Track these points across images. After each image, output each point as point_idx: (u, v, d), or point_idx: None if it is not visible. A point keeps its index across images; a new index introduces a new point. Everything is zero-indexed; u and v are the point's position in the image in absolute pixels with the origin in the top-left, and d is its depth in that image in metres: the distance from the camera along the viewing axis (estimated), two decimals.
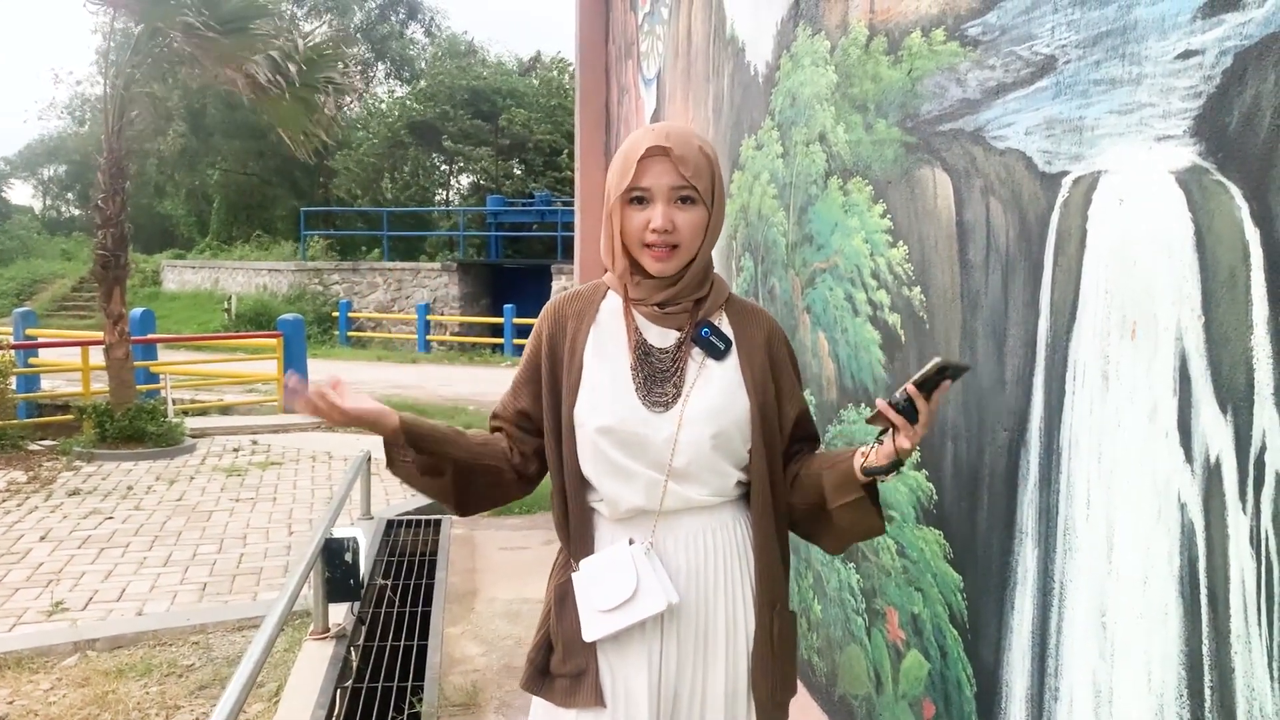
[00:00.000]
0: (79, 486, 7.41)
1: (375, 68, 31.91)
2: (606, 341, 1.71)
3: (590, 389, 1.68)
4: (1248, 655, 1.23)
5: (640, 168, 1.61)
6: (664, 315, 1.70)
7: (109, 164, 9.04)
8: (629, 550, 1.66)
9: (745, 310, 1.79)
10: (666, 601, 1.61)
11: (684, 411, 1.64)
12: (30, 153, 40.59)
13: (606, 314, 1.75)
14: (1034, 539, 1.68)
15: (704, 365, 1.69)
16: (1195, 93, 1.30)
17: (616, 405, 1.65)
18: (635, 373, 1.68)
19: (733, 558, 1.70)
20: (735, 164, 3.40)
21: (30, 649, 4.34)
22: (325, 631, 4.21)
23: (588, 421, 1.66)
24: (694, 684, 1.68)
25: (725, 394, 1.67)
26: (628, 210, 1.64)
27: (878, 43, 2.25)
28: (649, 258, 1.64)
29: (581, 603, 1.67)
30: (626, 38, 5.82)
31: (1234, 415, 1.24)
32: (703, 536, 1.69)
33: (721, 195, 1.70)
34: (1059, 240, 1.60)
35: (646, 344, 1.70)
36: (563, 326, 1.75)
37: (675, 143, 1.61)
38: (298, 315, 12.37)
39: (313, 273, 21.02)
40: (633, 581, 1.63)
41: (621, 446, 1.64)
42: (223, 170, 28.25)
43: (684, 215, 1.62)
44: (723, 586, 1.69)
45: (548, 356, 1.74)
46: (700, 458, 1.65)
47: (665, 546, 1.68)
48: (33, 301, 22.98)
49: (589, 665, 1.67)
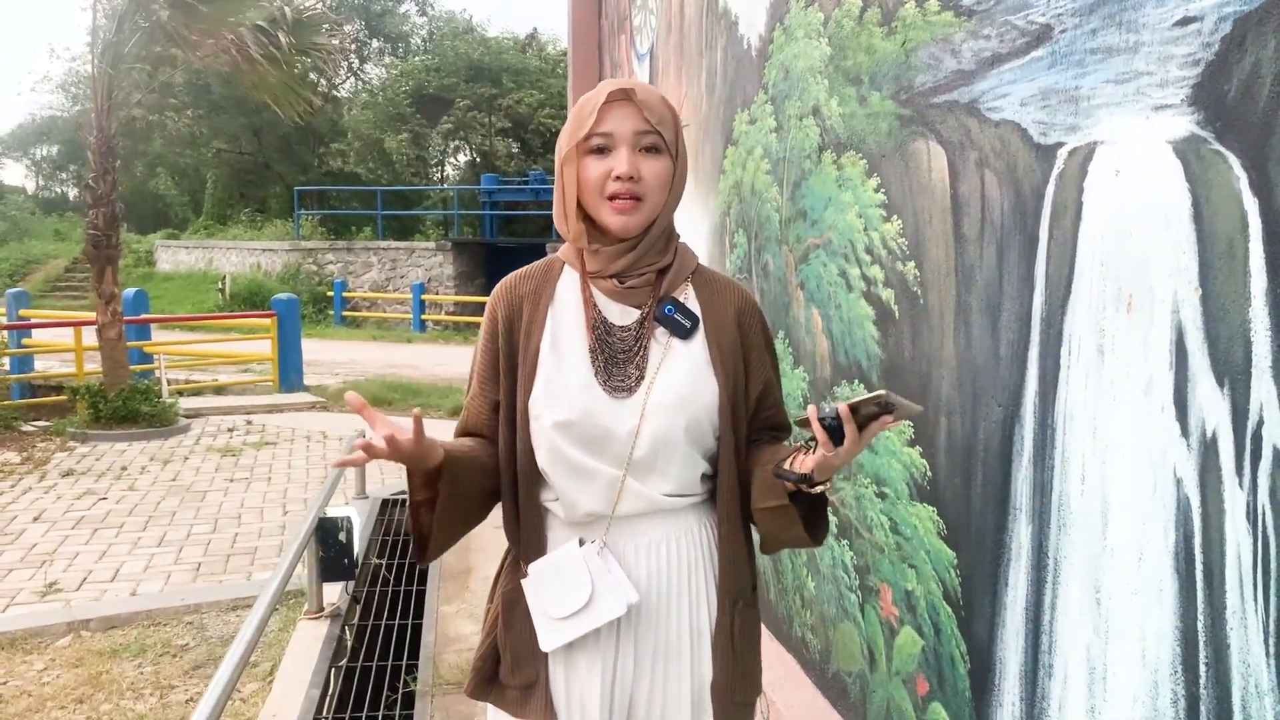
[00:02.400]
0: (73, 467, 7.39)
1: (369, 44, 31.66)
2: (562, 321, 1.58)
3: (546, 377, 1.54)
4: (1243, 631, 1.22)
5: (601, 113, 1.49)
6: (624, 290, 1.56)
7: (99, 143, 8.97)
8: (580, 552, 1.54)
9: (714, 283, 1.64)
10: (625, 604, 1.50)
11: (647, 399, 1.51)
12: (23, 132, 40.29)
13: (564, 291, 1.61)
14: (1028, 515, 1.66)
15: (669, 346, 1.56)
16: (1193, 60, 1.27)
17: (577, 395, 1.51)
18: (594, 355, 1.54)
19: (697, 566, 1.58)
20: (729, 139, 3.36)
21: (24, 629, 4.33)
22: (320, 611, 4.22)
23: (544, 414, 1.52)
24: (652, 692, 1.57)
25: (692, 378, 1.54)
26: (586, 161, 1.51)
27: (871, 14, 2.21)
28: (610, 211, 1.50)
29: (535, 610, 1.56)
30: (619, 12, 5.76)
31: (1231, 389, 1.23)
32: (665, 545, 1.57)
33: (684, 152, 1.58)
34: (1054, 213, 1.57)
35: (606, 323, 1.57)
36: (517, 308, 1.60)
37: (638, 89, 1.51)
38: (292, 295, 12.30)
39: (307, 252, 20.93)
40: (587, 586, 1.51)
41: (581, 443, 1.51)
42: (217, 149, 28.08)
43: (649, 164, 1.50)
44: (687, 595, 1.57)
45: (505, 343, 1.59)
46: (665, 449, 1.52)
47: (623, 553, 1.55)
48: (26, 282, 22.88)
49: (539, 676, 1.57)
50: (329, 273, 20.57)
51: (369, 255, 20.52)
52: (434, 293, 19.62)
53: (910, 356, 2.09)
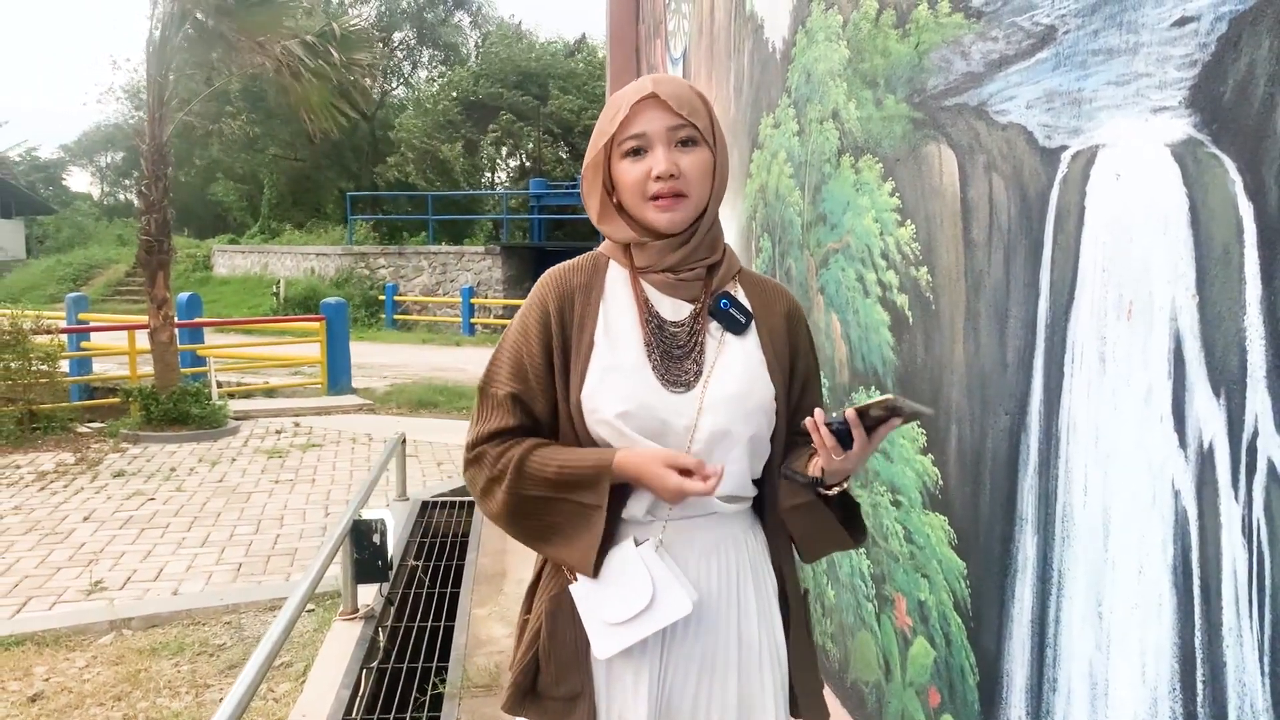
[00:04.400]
0: (124, 468, 7.55)
1: (421, 52, 32.03)
2: (614, 316, 1.52)
3: (602, 370, 1.47)
4: (1239, 650, 1.18)
5: (630, 114, 1.45)
6: (676, 284, 1.51)
7: (151, 150, 9.16)
8: (638, 552, 1.46)
9: (762, 284, 1.60)
10: (691, 602, 1.43)
11: (705, 395, 1.46)
12: (88, 140, 41.38)
13: (613, 285, 1.55)
14: (1033, 525, 1.63)
15: (723, 341, 1.51)
16: (1190, 61, 1.24)
17: (636, 387, 1.45)
18: (649, 349, 1.48)
19: (745, 575, 1.52)
20: (755, 142, 3.34)
21: (68, 627, 4.42)
22: (354, 612, 4.25)
23: (603, 407, 1.45)
24: (695, 704, 1.49)
25: (749, 374, 1.49)
26: (623, 166, 1.47)
27: (887, 16, 2.19)
28: (654, 211, 1.46)
29: (587, 616, 1.47)
30: (655, 17, 5.77)
31: (1227, 399, 1.19)
32: (717, 552, 1.51)
33: (723, 139, 1.53)
34: (1058, 217, 1.54)
35: (659, 317, 1.51)
36: (569, 300, 1.53)
37: (663, 86, 1.46)
38: (340, 299, 12.47)
39: (359, 256, 21.21)
40: (648, 586, 1.43)
41: (638, 435, 1.44)
42: (273, 155, 28.59)
43: (688, 158, 1.46)
44: (736, 605, 1.51)
45: (558, 333, 1.51)
46: (723, 445, 1.47)
47: (678, 556, 1.48)
48: (88, 287, 23.48)
49: (584, 687, 1.50)
50: (381, 277, 20.83)
51: (420, 260, 20.74)
52: (483, 296, 19.77)
53: (923, 362, 2.06)
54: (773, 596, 1.56)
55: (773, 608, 1.56)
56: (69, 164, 43.13)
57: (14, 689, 3.85)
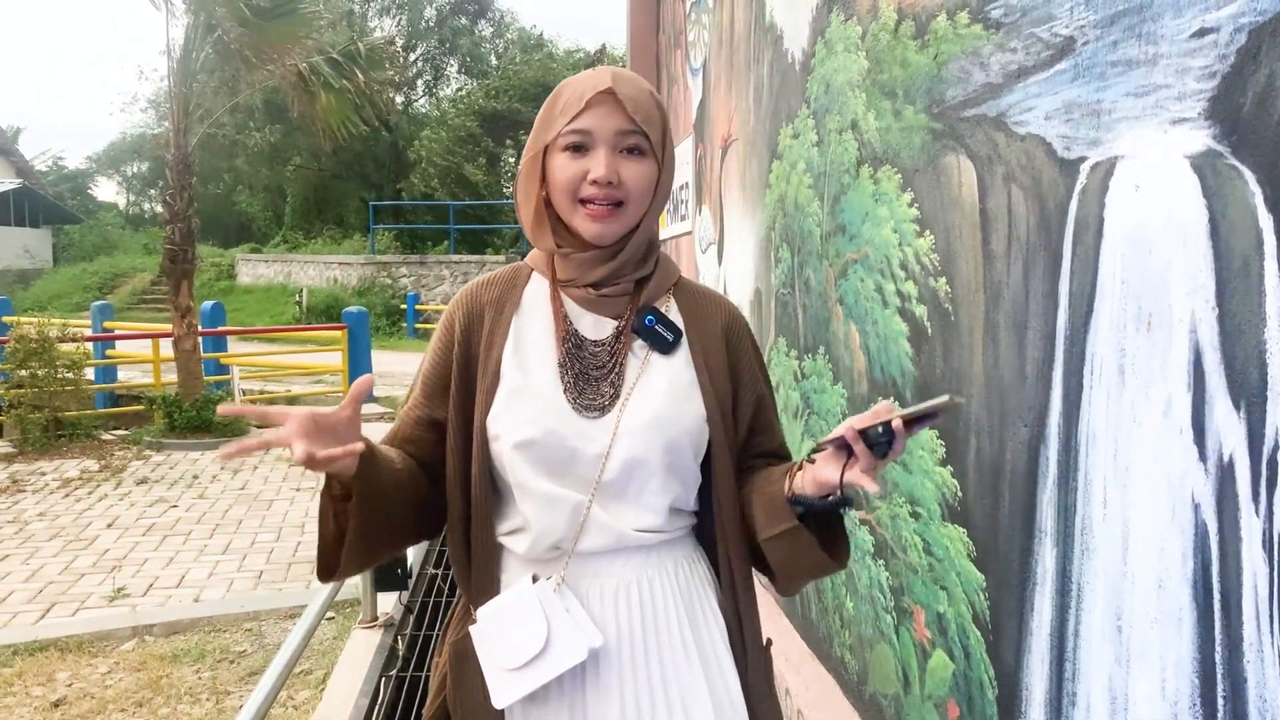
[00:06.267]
0: (147, 475, 7.62)
1: (447, 63, 32.19)
2: (528, 334, 1.41)
3: (508, 393, 1.36)
4: (1260, 665, 1.17)
5: (582, 107, 1.33)
6: (599, 300, 1.40)
7: (175, 160, 9.27)
8: (533, 589, 1.34)
9: (699, 295, 1.48)
10: (587, 648, 1.30)
11: (620, 419, 1.34)
12: (114, 150, 41.79)
13: (531, 300, 1.44)
14: (1053, 538, 1.62)
15: (647, 361, 1.39)
16: (1210, 72, 1.23)
17: (541, 413, 1.34)
18: (563, 370, 1.37)
19: (672, 614, 1.38)
20: (774, 153, 3.35)
21: (91, 633, 4.47)
22: (374, 620, 4.27)
23: (504, 434, 1.34)
24: None
25: (673, 396, 1.37)
26: (559, 160, 1.35)
27: (906, 27, 2.19)
28: (583, 217, 1.34)
29: (485, 661, 1.34)
30: (675, 27, 5.78)
31: (1247, 412, 1.18)
32: (635, 588, 1.37)
33: (671, 155, 1.42)
34: (1077, 229, 1.54)
35: (578, 335, 1.40)
36: (478, 317, 1.43)
37: (622, 83, 1.34)
38: (362, 308, 12.54)
39: (381, 266, 21.33)
40: (543, 628, 1.30)
41: (544, 464, 1.33)
42: (296, 165, 28.80)
43: (631, 168, 1.34)
44: (657, 647, 1.37)
45: (460, 354, 1.41)
46: (638, 474, 1.35)
47: (585, 594, 1.35)
48: (114, 295, 23.68)
49: None
50: (402, 286, 20.93)
51: (441, 269, 20.83)
52: None
53: (941, 374, 2.05)
54: (719, 640, 1.43)
55: (718, 653, 1.42)
56: (96, 174, 43.58)
57: (37, 694, 3.89)
